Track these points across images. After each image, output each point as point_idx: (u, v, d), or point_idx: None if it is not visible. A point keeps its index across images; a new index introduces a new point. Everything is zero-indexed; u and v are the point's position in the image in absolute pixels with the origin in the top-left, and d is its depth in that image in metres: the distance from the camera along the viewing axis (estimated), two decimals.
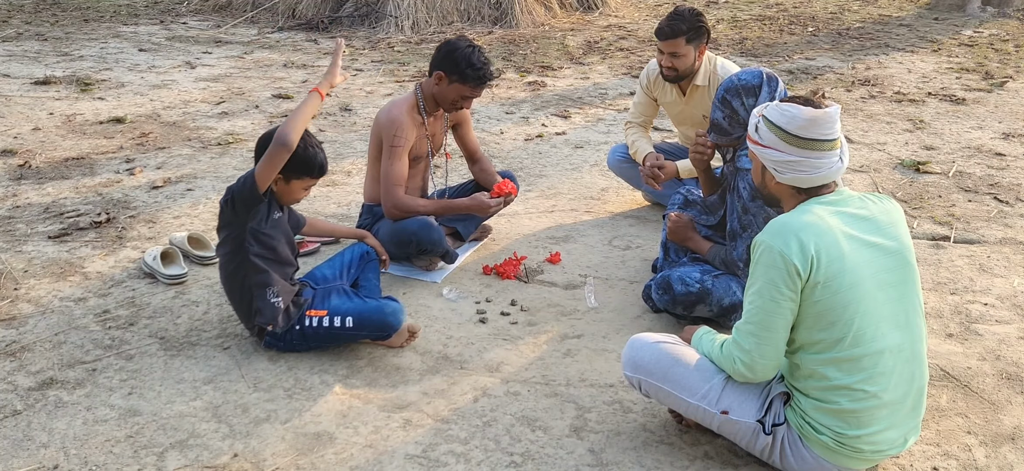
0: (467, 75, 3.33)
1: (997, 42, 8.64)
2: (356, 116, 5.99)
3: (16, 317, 3.14)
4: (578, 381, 2.76)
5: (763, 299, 2.06)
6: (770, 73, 2.86)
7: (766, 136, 2.18)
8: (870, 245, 2.08)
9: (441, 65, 3.36)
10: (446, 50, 3.36)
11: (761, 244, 2.08)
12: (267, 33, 9.24)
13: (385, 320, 2.83)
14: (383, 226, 3.46)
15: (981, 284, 3.45)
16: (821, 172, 2.14)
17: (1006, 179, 4.68)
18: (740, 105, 2.85)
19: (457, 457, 2.39)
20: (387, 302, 2.89)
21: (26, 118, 5.79)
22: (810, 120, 2.12)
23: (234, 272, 2.80)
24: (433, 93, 3.44)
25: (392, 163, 3.37)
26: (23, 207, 4.20)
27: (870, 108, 6.18)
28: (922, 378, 2.15)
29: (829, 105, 2.15)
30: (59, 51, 8.12)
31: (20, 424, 2.52)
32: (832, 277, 2.01)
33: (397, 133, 3.36)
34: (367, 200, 3.65)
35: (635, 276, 3.52)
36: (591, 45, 8.55)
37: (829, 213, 2.09)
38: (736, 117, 2.87)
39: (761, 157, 2.22)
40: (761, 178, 2.28)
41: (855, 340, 2.03)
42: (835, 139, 2.14)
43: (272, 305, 2.79)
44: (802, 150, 2.13)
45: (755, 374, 2.13)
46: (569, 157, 5.08)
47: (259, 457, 2.39)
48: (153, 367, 2.82)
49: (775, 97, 2.78)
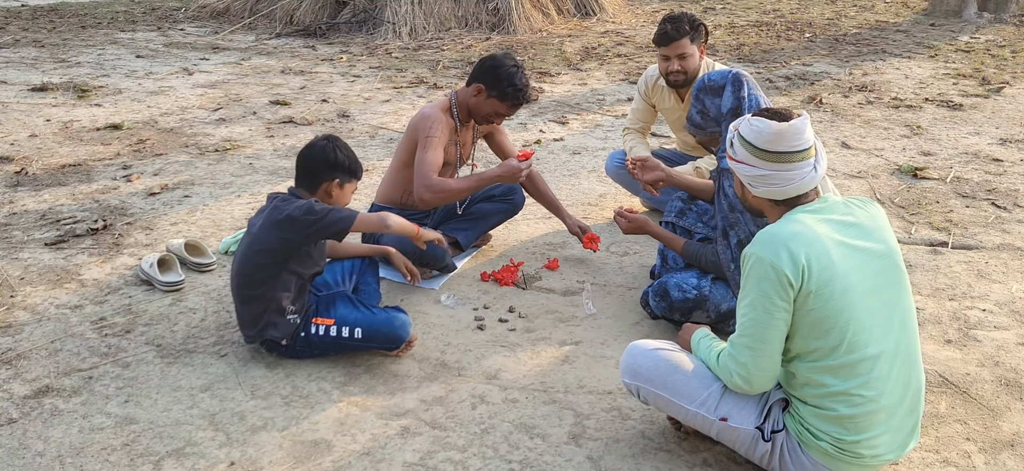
0: (507, 94, 3.34)
1: (994, 48, 8.66)
2: (354, 122, 5.99)
3: (12, 325, 3.13)
4: (576, 388, 2.75)
5: (756, 311, 2.06)
6: (738, 74, 2.90)
7: (740, 152, 2.22)
8: (859, 250, 2.09)
9: (483, 78, 3.37)
10: (490, 65, 3.37)
11: (751, 256, 2.08)
12: (265, 39, 9.24)
13: (395, 333, 2.82)
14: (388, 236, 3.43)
15: (979, 290, 3.45)
16: (793, 184, 2.15)
17: (1003, 185, 4.68)
18: (709, 103, 2.94)
19: (455, 465, 2.38)
20: (396, 314, 2.87)
21: (23, 125, 5.78)
22: (777, 134, 2.13)
23: (261, 281, 2.75)
24: (469, 104, 3.44)
25: (427, 152, 3.36)
26: (19, 214, 4.19)
27: (867, 114, 6.18)
28: (918, 380, 2.15)
29: (798, 116, 2.16)
30: (56, 58, 8.11)
31: (16, 432, 2.50)
32: (824, 285, 2.01)
33: (433, 126, 3.37)
34: (380, 200, 3.64)
35: (633, 283, 3.51)
36: (589, 51, 8.56)
37: (816, 221, 2.10)
38: (707, 114, 2.94)
39: (737, 172, 2.26)
40: (742, 191, 2.31)
41: (850, 346, 2.03)
42: (806, 149, 2.15)
43: (288, 322, 2.79)
44: (772, 164, 2.15)
45: (752, 387, 2.13)
46: (567, 163, 5.08)
47: (256, 465, 2.37)
48: (150, 375, 2.80)
49: (741, 98, 2.84)
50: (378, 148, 5.38)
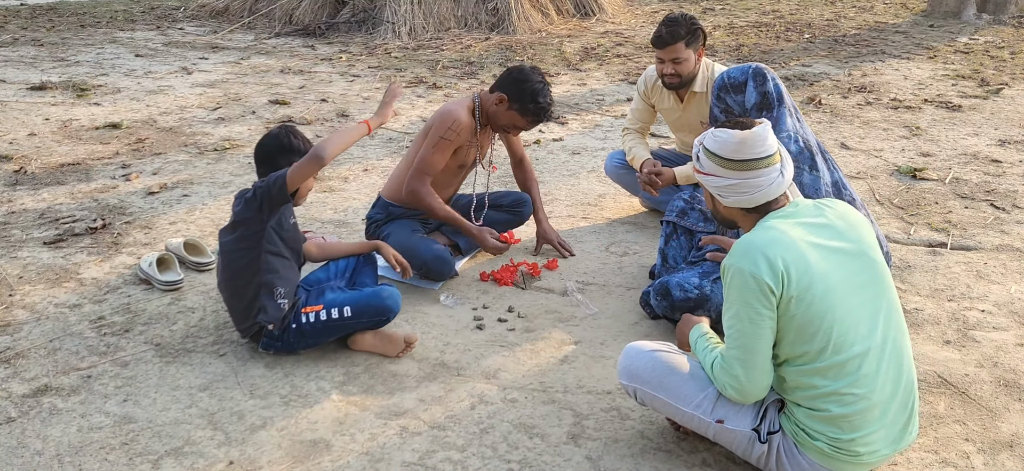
0: (529, 109, 3.34)
1: (993, 49, 8.67)
2: (352, 120, 5.98)
3: (11, 323, 3.12)
4: (576, 388, 2.75)
5: (742, 322, 2.06)
6: (758, 68, 2.91)
7: (706, 164, 2.23)
8: (834, 251, 2.10)
9: (507, 89, 3.36)
10: (517, 77, 3.36)
11: (730, 268, 2.08)
12: (264, 39, 9.24)
13: (383, 303, 2.84)
14: (393, 238, 3.43)
15: (978, 291, 3.45)
16: (761, 190, 2.17)
17: (1002, 186, 4.69)
18: (732, 101, 2.96)
19: (454, 464, 2.38)
20: (382, 286, 2.92)
21: (22, 124, 5.77)
22: (740, 142, 2.15)
23: (244, 268, 2.79)
24: (490, 110, 3.43)
25: (433, 153, 3.36)
26: (18, 213, 4.19)
27: (866, 115, 6.19)
28: (910, 372, 2.16)
29: (759, 124, 2.18)
30: (55, 57, 8.11)
31: (14, 431, 2.50)
32: (804, 289, 2.02)
33: (452, 127, 3.35)
34: (387, 196, 3.60)
35: (632, 282, 3.51)
36: (588, 51, 8.56)
37: (790, 225, 2.11)
38: (731, 112, 2.98)
39: (705, 185, 2.27)
40: (713, 204, 2.33)
41: (836, 347, 2.04)
42: (770, 155, 2.17)
43: (277, 305, 2.80)
44: (738, 172, 2.17)
45: (746, 398, 2.15)
46: (566, 163, 5.08)
47: (255, 464, 2.37)
48: (148, 374, 2.80)
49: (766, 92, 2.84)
50: (377, 148, 5.38)
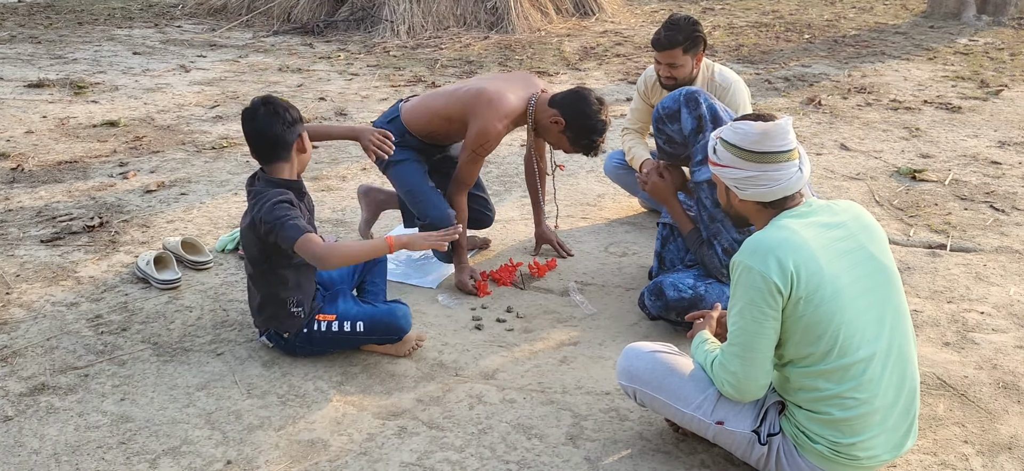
0: (580, 139, 3.27)
1: (992, 50, 8.67)
2: (351, 121, 5.97)
3: (7, 322, 3.11)
4: (574, 388, 2.75)
5: (746, 320, 2.06)
6: (688, 92, 3.01)
7: (723, 156, 2.21)
8: (846, 253, 2.08)
9: (566, 113, 3.24)
10: (581, 108, 3.22)
11: (739, 265, 2.07)
12: (262, 37, 9.22)
13: (396, 323, 2.82)
14: (406, 176, 3.41)
15: (977, 293, 3.45)
16: (781, 185, 2.15)
17: (1002, 187, 4.68)
18: (672, 130, 3.01)
19: (452, 465, 2.37)
20: (397, 305, 2.89)
21: (19, 121, 5.76)
22: (763, 133, 2.13)
23: (256, 276, 2.79)
24: (542, 122, 3.33)
25: (469, 166, 3.34)
26: (15, 211, 4.18)
27: (866, 116, 6.18)
28: (913, 379, 2.15)
29: (781, 117, 2.16)
30: (53, 54, 8.09)
31: (11, 430, 2.49)
32: (813, 291, 2.01)
33: (485, 144, 3.27)
34: (407, 122, 3.42)
35: (631, 283, 3.51)
36: (587, 51, 8.56)
37: (802, 225, 2.09)
38: (674, 141, 3.03)
39: (722, 177, 2.24)
40: (726, 199, 2.30)
41: (842, 350, 2.03)
42: (791, 150, 2.15)
43: (293, 316, 2.80)
44: (759, 164, 2.14)
45: (743, 396, 2.13)
46: (565, 163, 5.07)
47: (253, 464, 2.36)
48: (146, 373, 2.79)
49: (700, 115, 2.93)
50: None
